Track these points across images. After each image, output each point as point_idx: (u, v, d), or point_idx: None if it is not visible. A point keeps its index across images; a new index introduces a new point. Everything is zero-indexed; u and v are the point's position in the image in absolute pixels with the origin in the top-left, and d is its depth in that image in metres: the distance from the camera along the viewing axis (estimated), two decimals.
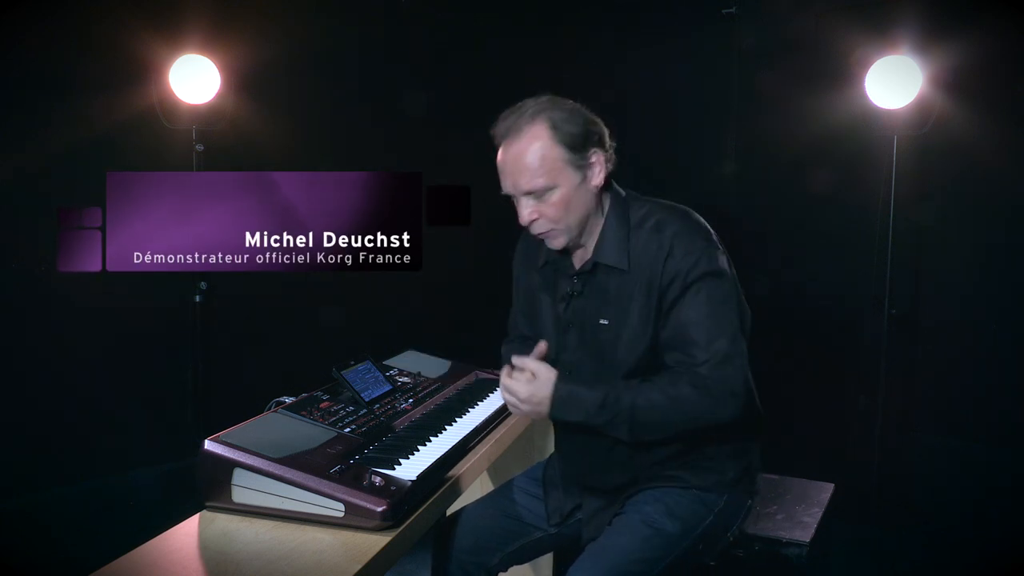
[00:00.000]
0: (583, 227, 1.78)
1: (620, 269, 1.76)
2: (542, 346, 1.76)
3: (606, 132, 1.77)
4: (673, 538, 1.77)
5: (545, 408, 1.69)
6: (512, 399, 1.72)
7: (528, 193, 1.72)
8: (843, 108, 3.38)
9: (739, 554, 1.93)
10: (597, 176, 1.75)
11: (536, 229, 1.76)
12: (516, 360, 1.72)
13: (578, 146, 1.71)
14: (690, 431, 1.72)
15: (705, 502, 1.82)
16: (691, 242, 1.72)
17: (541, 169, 1.69)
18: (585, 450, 1.87)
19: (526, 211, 1.74)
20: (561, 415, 1.70)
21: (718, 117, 3.85)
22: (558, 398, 1.68)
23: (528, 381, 1.69)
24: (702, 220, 1.80)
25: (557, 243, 1.79)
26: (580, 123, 1.72)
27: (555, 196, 1.71)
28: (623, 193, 1.84)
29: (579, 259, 1.84)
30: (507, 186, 1.76)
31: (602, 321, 1.78)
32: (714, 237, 1.78)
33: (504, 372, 1.74)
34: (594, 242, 1.80)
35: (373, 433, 1.76)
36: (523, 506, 1.99)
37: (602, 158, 1.75)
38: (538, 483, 2.02)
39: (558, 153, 1.70)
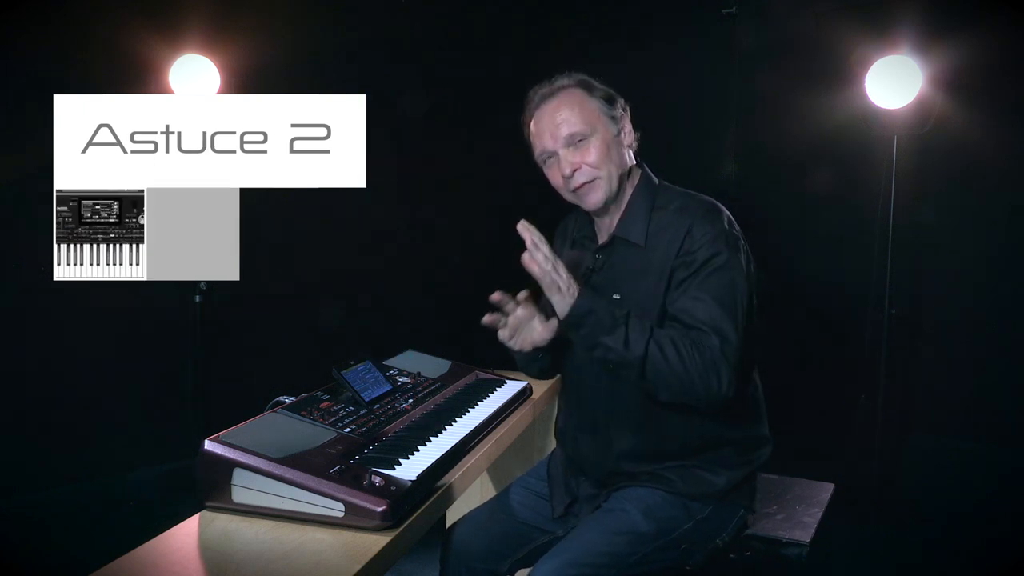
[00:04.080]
0: (620, 185, 1.83)
1: (637, 245, 1.80)
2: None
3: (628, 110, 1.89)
4: (645, 537, 1.77)
5: (575, 291, 1.68)
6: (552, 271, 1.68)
7: (569, 139, 1.79)
8: (843, 108, 3.38)
9: (732, 557, 1.93)
10: (628, 135, 1.85)
11: (577, 180, 1.80)
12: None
13: (610, 101, 1.83)
14: (676, 399, 1.69)
15: (688, 509, 1.82)
16: (712, 226, 1.75)
17: (581, 116, 1.80)
18: (591, 439, 1.89)
19: (567, 162, 1.79)
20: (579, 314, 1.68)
21: (718, 117, 3.84)
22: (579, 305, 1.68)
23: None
24: (727, 213, 1.83)
25: (597, 196, 1.81)
26: (608, 88, 1.86)
27: (595, 141, 1.79)
28: (656, 180, 1.90)
29: (604, 234, 1.89)
30: (546, 142, 1.82)
31: (615, 296, 1.82)
32: (736, 230, 1.80)
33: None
34: (619, 216, 1.85)
35: (373, 433, 1.76)
36: (529, 508, 2.00)
37: (630, 122, 1.86)
38: (543, 481, 2.03)
39: (595, 104, 1.82)
